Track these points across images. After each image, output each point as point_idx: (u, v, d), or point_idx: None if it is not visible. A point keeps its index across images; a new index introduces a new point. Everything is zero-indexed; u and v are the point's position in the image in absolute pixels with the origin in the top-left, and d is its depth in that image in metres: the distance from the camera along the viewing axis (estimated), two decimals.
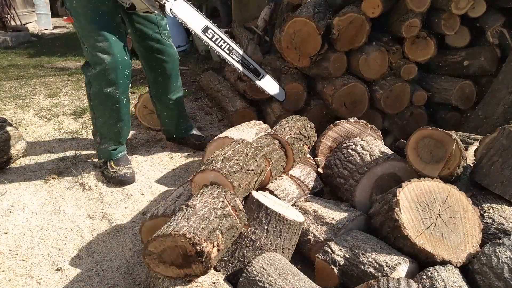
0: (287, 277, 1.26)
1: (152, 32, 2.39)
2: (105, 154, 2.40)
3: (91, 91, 2.24)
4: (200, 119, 3.48)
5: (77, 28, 2.15)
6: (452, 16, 2.56)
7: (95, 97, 2.25)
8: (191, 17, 2.30)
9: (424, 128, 1.71)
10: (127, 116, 2.37)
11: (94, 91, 2.23)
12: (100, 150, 2.42)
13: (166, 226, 1.26)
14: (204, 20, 2.36)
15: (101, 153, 2.42)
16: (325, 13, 2.72)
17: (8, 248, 1.86)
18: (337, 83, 2.73)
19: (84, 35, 2.14)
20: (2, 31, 7.30)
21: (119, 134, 2.38)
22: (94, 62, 2.14)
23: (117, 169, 2.38)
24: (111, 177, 2.37)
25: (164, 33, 2.45)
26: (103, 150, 2.40)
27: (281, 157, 1.83)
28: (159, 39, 2.42)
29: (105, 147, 2.38)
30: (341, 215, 1.66)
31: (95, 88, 2.21)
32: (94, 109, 2.30)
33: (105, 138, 2.37)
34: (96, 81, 2.19)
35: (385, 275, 1.31)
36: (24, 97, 3.85)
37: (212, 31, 2.39)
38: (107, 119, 2.30)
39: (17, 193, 2.27)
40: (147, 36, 2.39)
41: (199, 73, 4.77)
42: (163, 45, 2.46)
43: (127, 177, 2.37)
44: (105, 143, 2.38)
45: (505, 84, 2.40)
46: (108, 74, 2.15)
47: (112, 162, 2.40)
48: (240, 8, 4.98)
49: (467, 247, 1.38)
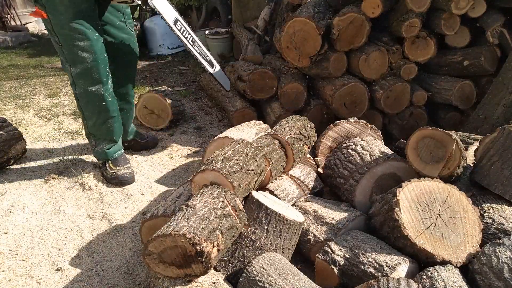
0: (287, 277, 1.26)
1: (118, 20, 2.34)
2: (102, 155, 2.40)
3: (77, 92, 2.21)
4: (200, 119, 3.48)
5: (52, 25, 2.04)
6: (452, 16, 2.56)
7: (81, 97, 2.21)
8: (167, 9, 2.32)
9: (424, 128, 1.71)
10: (116, 112, 2.33)
11: (79, 92, 2.19)
12: (97, 152, 2.40)
13: (166, 226, 1.26)
14: (175, 12, 2.39)
15: (98, 154, 2.41)
16: (325, 13, 2.72)
17: (8, 248, 1.86)
18: (337, 83, 2.73)
19: (61, 33, 2.05)
20: (2, 31, 7.30)
21: (111, 131, 2.35)
22: (74, 61, 2.10)
23: (116, 169, 2.37)
24: (111, 178, 2.37)
25: (129, 22, 2.41)
26: (99, 151, 2.39)
27: (281, 157, 1.83)
28: (124, 28, 2.38)
29: (100, 148, 2.37)
30: (341, 215, 1.66)
31: (80, 88, 2.18)
32: (83, 110, 2.27)
33: (99, 139, 2.36)
34: (80, 80, 2.15)
35: (385, 275, 1.31)
36: (24, 97, 3.85)
37: (181, 23, 2.43)
38: (97, 118, 2.27)
39: (17, 193, 2.27)
40: (113, 25, 2.33)
41: (199, 73, 4.77)
42: (128, 35, 2.40)
43: (127, 178, 2.37)
44: (99, 144, 2.37)
45: (505, 84, 2.40)
46: (92, 72, 2.13)
47: (111, 163, 2.39)
48: (240, 8, 4.98)
49: (467, 247, 1.38)
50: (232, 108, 3.18)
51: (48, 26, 2.08)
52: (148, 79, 4.67)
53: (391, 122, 2.91)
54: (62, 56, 2.14)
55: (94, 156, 2.46)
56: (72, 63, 2.11)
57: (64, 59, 2.14)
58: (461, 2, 2.46)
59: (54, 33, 2.06)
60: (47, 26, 2.08)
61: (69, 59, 2.10)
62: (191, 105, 3.77)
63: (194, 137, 3.10)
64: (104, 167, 2.41)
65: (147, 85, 4.37)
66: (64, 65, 2.18)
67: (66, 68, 2.16)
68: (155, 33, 5.89)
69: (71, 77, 2.17)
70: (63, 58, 2.14)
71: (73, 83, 2.19)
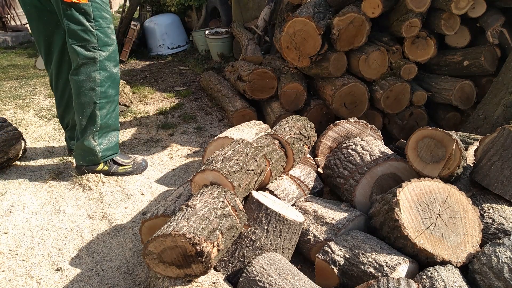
0: (287, 277, 1.26)
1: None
2: (111, 150, 2.36)
3: (101, 77, 2.18)
4: (200, 119, 3.48)
5: (92, 9, 2.06)
6: (452, 16, 2.56)
7: (106, 81, 2.20)
8: None
9: (424, 128, 1.71)
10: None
11: (105, 76, 2.19)
12: (104, 150, 2.33)
13: (166, 226, 1.26)
14: None
15: (106, 152, 2.34)
16: (325, 13, 2.72)
17: (8, 248, 1.86)
18: (337, 83, 2.73)
19: (100, 16, 2.10)
20: (2, 31, 7.30)
21: (118, 118, 2.37)
22: (106, 43, 2.15)
23: (130, 160, 2.46)
24: (132, 171, 2.45)
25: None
26: (107, 147, 2.34)
27: (281, 157, 1.83)
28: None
29: (107, 143, 2.33)
30: (341, 215, 1.66)
31: (107, 72, 2.19)
32: (100, 98, 2.22)
33: (106, 132, 2.31)
34: (108, 62, 2.19)
35: (385, 275, 1.31)
36: (24, 97, 3.85)
37: None
38: (111, 104, 2.28)
39: (17, 193, 2.27)
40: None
41: (199, 73, 4.77)
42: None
43: (146, 163, 2.53)
44: (106, 138, 2.33)
45: (505, 84, 2.40)
46: (115, 54, 2.22)
47: (119, 157, 2.41)
48: (240, 8, 4.98)
49: (467, 247, 1.38)
50: (232, 108, 3.18)
51: (82, 12, 2.04)
52: (148, 79, 4.67)
53: (391, 122, 2.91)
54: (90, 43, 2.11)
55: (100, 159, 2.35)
56: (104, 46, 2.15)
57: (95, 44, 2.12)
58: (461, 2, 2.46)
59: (92, 17, 2.08)
60: (81, 13, 2.04)
61: (101, 43, 2.13)
62: (191, 105, 3.77)
63: (194, 137, 3.10)
64: (114, 165, 2.38)
65: (147, 85, 4.37)
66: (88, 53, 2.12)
67: (91, 55, 2.13)
68: (155, 33, 5.89)
69: (97, 63, 2.15)
70: (94, 44, 2.12)
71: (99, 69, 2.16)
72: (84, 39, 2.09)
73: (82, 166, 2.37)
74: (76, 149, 2.35)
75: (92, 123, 2.25)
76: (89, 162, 2.35)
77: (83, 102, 2.20)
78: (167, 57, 5.76)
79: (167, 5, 6.21)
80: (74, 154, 2.37)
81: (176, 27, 6.05)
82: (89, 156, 2.32)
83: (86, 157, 2.33)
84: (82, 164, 2.37)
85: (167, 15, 6.14)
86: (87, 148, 2.29)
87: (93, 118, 2.24)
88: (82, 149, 2.31)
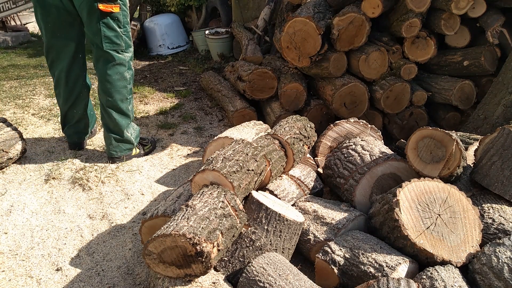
0: (287, 277, 1.26)
1: None
2: (137, 138, 2.67)
3: (129, 75, 2.46)
4: (200, 119, 3.48)
5: (122, 16, 2.31)
6: (452, 16, 2.56)
7: (132, 78, 2.51)
8: None
9: (424, 128, 1.71)
10: None
11: (131, 74, 2.48)
12: (135, 138, 2.63)
13: (166, 226, 1.26)
14: None
15: (135, 139, 2.64)
16: (325, 13, 2.72)
17: (8, 248, 1.86)
18: (337, 83, 2.73)
19: (126, 22, 2.36)
20: (2, 31, 7.30)
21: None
22: (128, 45, 2.42)
23: (147, 139, 2.82)
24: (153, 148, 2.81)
25: None
26: (136, 135, 2.64)
27: (281, 157, 1.83)
28: None
29: (134, 132, 2.63)
30: (341, 215, 1.66)
31: (131, 70, 2.47)
32: (130, 93, 2.51)
33: (131, 122, 2.61)
34: (131, 62, 2.47)
35: (385, 275, 1.31)
36: (24, 97, 3.85)
37: None
38: (132, 97, 2.56)
39: (17, 193, 2.27)
40: None
41: (199, 73, 4.77)
42: None
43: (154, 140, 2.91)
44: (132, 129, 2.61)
45: (505, 84, 2.40)
46: (133, 55, 2.49)
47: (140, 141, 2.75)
48: (240, 8, 4.98)
49: (467, 247, 1.38)
50: (232, 108, 3.18)
51: (116, 20, 2.29)
52: (148, 79, 4.67)
53: (391, 122, 2.92)
54: (120, 46, 2.36)
55: (134, 146, 2.66)
56: (128, 48, 2.42)
57: (123, 48, 2.38)
58: (461, 2, 2.46)
59: (122, 23, 2.33)
60: (114, 20, 2.28)
61: (126, 45, 2.40)
62: (191, 105, 3.77)
63: (194, 137, 3.10)
64: (141, 146, 2.72)
65: (147, 85, 4.37)
66: (120, 55, 2.37)
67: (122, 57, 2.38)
68: (155, 33, 5.89)
69: (126, 63, 2.41)
70: (122, 47, 2.37)
71: (127, 69, 2.44)
72: (116, 44, 2.35)
73: (119, 157, 2.62)
74: (111, 143, 2.56)
75: (127, 117, 2.55)
76: (127, 152, 2.63)
77: (117, 99, 2.46)
78: (167, 57, 5.75)
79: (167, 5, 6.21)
80: (109, 148, 2.57)
81: (176, 27, 6.05)
82: (127, 146, 2.62)
83: (124, 148, 2.61)
84: (119, 155, 2.62)
85: (167, 15, 6.13)
86: (126, 140, 2.58)
87: (127, 112, 2.54)
88: (121, 141, 2.58)
